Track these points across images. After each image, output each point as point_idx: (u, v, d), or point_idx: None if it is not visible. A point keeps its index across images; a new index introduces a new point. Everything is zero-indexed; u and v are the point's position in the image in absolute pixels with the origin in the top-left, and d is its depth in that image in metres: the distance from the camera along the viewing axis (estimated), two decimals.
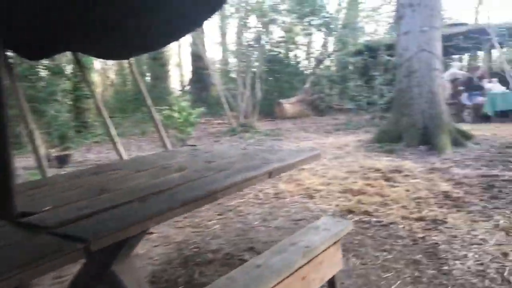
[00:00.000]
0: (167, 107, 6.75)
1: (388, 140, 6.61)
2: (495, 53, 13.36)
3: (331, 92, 15.54)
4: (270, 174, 2.10)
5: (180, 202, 1.61)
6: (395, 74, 7.10)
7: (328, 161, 5.88)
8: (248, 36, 14.73)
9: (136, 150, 8.50)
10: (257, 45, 14.21)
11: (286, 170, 2.32)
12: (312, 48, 20.75)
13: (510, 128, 8.17)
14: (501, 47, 11.65)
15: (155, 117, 5.87)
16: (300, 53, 21.03)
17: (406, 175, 4.73)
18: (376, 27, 20.20)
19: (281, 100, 14.02)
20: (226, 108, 10.58)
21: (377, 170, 5.05)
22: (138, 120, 12.87)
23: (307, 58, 19.86)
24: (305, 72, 18.10)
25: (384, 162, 5.52)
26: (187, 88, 19.88)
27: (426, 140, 6.29)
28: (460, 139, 6.27)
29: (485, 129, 8.31)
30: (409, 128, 6.47)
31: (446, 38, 8.18)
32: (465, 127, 8.67)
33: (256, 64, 13.76)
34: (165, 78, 19.64)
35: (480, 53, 15.91)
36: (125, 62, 10.43)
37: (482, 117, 9.79)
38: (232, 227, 3.45)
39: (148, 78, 19.31)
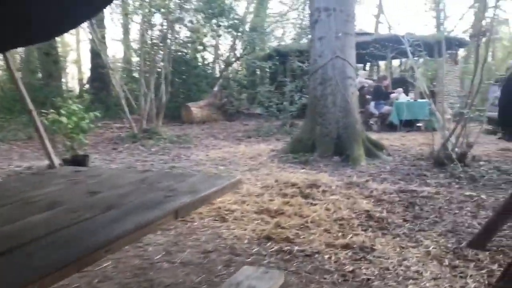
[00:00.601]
0: (52, 111, 5.82)
1: (302, 149, 6.39)
2: (403, 61, 14.13)
3: (240, 97, 15.31)
4: (176, 214, 1.58)
5: (36, 270, 1.03)
6: (308, 80, 6.94)
7: (241, 173, 5.47)
8: (153, 34, 13.93)
9: (18, 159, 7.35)
10: (162, 44, 13.47)
11: (199, 206, 1.82)
12: (220, 51, 20.41)
13: (416, 138, 8.49)
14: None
15: (37, 122, 5.00)
16: (209, 55, 20.57)
17: (324, 191, 4.47)
18: (284, 32, 20.52)
19: (188, 104, 13.39)
20: (126, 111, 9.69)
21: (294, 185, 4.73)
22: (24, 123, 11.38)
23: (215, 61, 19.48)
24: (214, 75, 17.69)
25: (300, 175, 5.25)
26: (86, 87, 18.37)
27: (340, 150, 6.18)
28: (373, 150, 6.26)
29: (393, 138, 8.55)
30: (323, 138, 6.33)
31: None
32: (373, 136, 8.88)
33: (162, 64, 13.02)
34: (58, 76, 17.89)
35: (392, 62, 16.78)
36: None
37: (388, 126, 10.15)
38: (127, 264, 2.84)
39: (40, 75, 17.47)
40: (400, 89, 10.36)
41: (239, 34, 15.18)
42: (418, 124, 10.02)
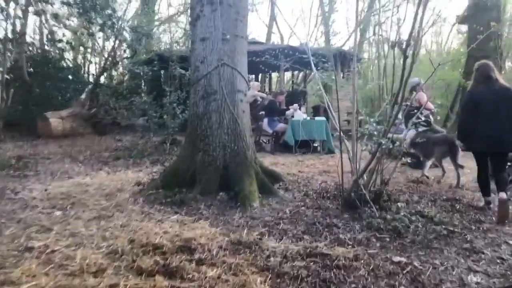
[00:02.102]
0: None
1: (178, 183, 4.93)
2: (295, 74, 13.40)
3: (116, 107, 13.33)
4: None
5: None
6: (189, 93, 5.51)
7: (83, 225, 3.84)
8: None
9: None
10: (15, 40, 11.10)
11: None
12: (96, 52, 18.17)
13: (314, 163, 7.53)
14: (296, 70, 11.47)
15: None
16: (82, 57, 18.21)
17: (200, 260, 3.06)
18: (172, 37, 18.95)
19: (47, 113, 11.10)
20: None
21: (156, 247, 3.25)
22: None
23: (90, 64, 17.25)
24: (87, 80, 15.47)
25: (170, 226, 3.78)
26: None
27: (227, 184, 4.86)
28: (269, 184, 5.04)
29: (289, 162, 7.49)
30: (206, 168, 4.94)
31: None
32: (267, 159, 7.75)
33: (10, 64, 10.65)
34: None
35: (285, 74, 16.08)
36: None
37: (282, 146, 9.15)
38: None
39: None
40: (296, 105, 9.43)
41: (115, 33, 13.23)
42: (315, 144, 9.18)
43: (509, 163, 5.82)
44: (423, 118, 5.97)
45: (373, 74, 20.76)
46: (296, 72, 20.10)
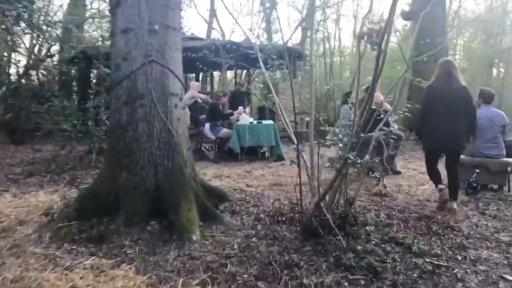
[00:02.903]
0: None
1: (98, 211, 3.99)
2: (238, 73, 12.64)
3: (38, 111, 11.88)
4: None
5: None
6: (110, 97, 4.54)
7: None
8: None
9: None
10: None
11: None
12: (18, 50, 16.44)
13: (264, 173, 6.78)
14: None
15: None
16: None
17: None
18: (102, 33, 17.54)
19: None
20: None
21: None
22: None
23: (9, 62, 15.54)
24: (6, 81, 13.84)
25: (79, 277, 2.86)
26: None
27: (160, 210, 3.98)
28: (211, 208, 4.20)
29: (235, 174, 6.69)
30: (133, 191, 4.02)
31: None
32: (210, 170, 6.91)
33: None
34: None
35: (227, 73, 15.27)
36: None
37: (227, 153, 8.33)
38: None
39: None
40: (241, 108, 8.63)
41: (33, 28, 11.79)
42: (262, 151, 8.44)
43: (477, 170, 5.37)
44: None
45: (319, 72, 20.45)
46: (239, 71, 19.34)
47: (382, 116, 4.16)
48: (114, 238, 3.64)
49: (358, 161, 3.40)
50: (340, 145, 3.49)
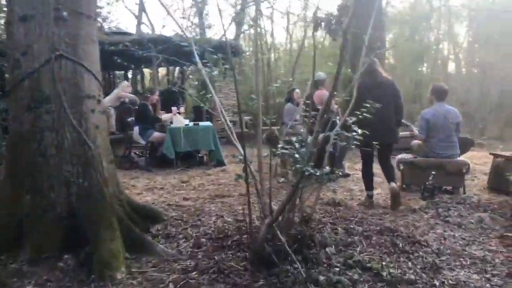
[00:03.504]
0: None
1: (6, 246, 3.19)
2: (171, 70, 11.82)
3: None
4: None
5: None
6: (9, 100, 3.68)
7: None
8: None
9: None
10: None
11: None
12: None
13: (203, 182, 6.13)
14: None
15: None
16: None
17: None
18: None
19: None
20: None
21: None
22: None
23: None
24: None
25: None
26: None
27: (75, 240, 3.23)
28: (140, 235, 3.49)
29: (170, 184, 6.00)
30: (40, 218, 3.24)
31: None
32: (141, 180, 6.16)
33: None
34: None
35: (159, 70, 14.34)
36: None
37: (160, 160, 7.58)
38: None
39: None
40: (175, 109, 7.88)
41: None
42: (200, 155, 7.77)
43: (433, 172, 5.07)
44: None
45: (252, 69, 20.00)
46: (172, 68, 18.42)
47: (337, 119, 3.69)
48: (13, 282, 2.85)
49: (317, 173, 2.86)
50: (296, 155, 2.93)
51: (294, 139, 3.05)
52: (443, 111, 5.26)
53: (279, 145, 3.25)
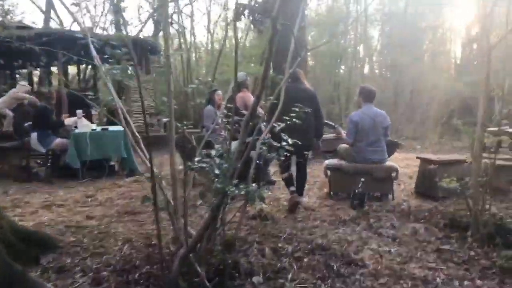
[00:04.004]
0: None
1: None
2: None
3: None
4: None
5: None
6: None
7: None
8: None
9: None
10: None
11: None
12: None
13: (110, 195, 5.41)
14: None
15: None
16: None
17: None
18: None
19: None
20: None
21: None
22: None
23: None
24: None
25: None
26: None
27: None
28: (23, 274, 2.77)
29: (72, 199, 5.24)
30: None
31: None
32: (37, 196, 5.32)
33: None
34: None
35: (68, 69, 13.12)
36: None
37: (63, 170, 6.69)
38: None
39: None
40: (80, 111, 7.00)
41: None
42: (112, 163, 6.98)
43: (362, 179, 4.80)
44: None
45: (178, 68, 19.18)
46: (83, 66, 17.07)
47: (263, 125, 3.24)
48: None
49: (242, 192, 2.37)
50: (217, 171, 2.41)
51: (213, 152, 2.52)
52: (371, 113, 5.02)
53: (196, 157, 2.71)
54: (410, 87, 19.64)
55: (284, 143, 2.87)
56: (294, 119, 3.12)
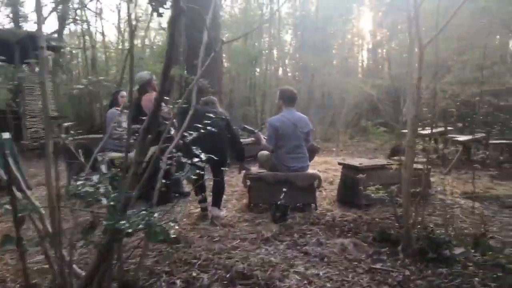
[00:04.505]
0: None
1: None
2: None
3: None
4: None
5: None
6: None
7: None
8: None
9: None
10: None
11: None
12: None
13: None
14: None
15: None
16: None
17: None
18: None
19: None
20: None
21: None
22: None
23: None
24: None
25: None
26: None
27: None
28: None
29: None
30: None
31: None
32: None
33: None
34: None
35: None
36: None
37: None
38: None
39: None
40: None
41: None
42: None
43: (284, 189, 4.36)
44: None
45: (80, 68, 17.71)
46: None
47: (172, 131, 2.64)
48: None
49: (140, 226, 1.75)
50: (103, 200, 1.77)
51: (95, 177, 1.87)
52: (292, 118, 4.59)
53: (81, 179, 2.04)
54: (321, 89, 19.95)
55: (196, 159, 2.28)
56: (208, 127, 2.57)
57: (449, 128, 8.52)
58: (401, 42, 21.84)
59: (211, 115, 3.10)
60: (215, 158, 2.70)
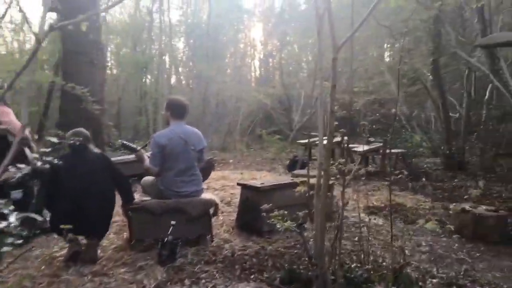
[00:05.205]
0: None
1: None
2: None
3: None
4: None
5: None
6: None
7: None
8: None
9: None
10: None
11: None
12: None
13: None
14: None
15: None
16: None
17: None
18: None
19: None
20: None
21: None
22: None
23: None
24: None
25: None
26: None
27: None
28: None
29: None
30: None
31: None
32: None
33: None
34: None
35: None
36: None
37: None
38: None
39: None
40: None
41: None
42: None
43: (172, 222, 3.53)
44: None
45: None
46: None
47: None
48: None
49: None
50: None
51: None
52: (183, 133, 3.72)
53: None
54: (216, 98, 19.40)
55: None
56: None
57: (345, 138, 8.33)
58: (290, 52, 22.26)
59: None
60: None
